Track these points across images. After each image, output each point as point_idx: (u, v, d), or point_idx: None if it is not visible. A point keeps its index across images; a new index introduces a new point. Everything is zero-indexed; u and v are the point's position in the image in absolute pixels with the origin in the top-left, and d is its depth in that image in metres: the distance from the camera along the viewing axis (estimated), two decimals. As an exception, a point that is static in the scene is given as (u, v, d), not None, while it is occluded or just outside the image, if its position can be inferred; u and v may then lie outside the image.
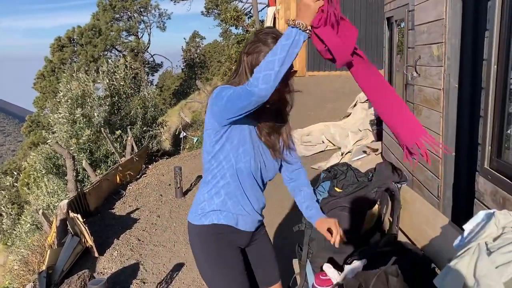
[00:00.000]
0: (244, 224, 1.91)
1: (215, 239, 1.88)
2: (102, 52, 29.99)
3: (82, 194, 5.97)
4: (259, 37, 1.80)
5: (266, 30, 1.84)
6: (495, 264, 1.28)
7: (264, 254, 2.13)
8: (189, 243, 1.99)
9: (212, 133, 1.81)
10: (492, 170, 2.44)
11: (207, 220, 1.87)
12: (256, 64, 1.69)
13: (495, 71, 2.41)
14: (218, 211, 1.87)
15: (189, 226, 1.95)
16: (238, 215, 1.88)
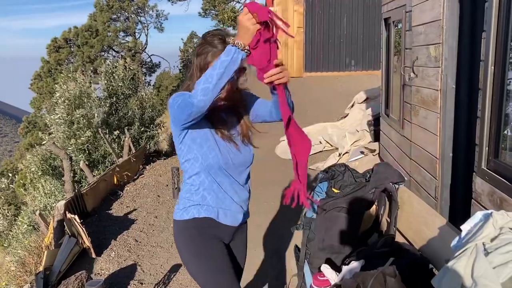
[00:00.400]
0: (224, 218, 1.96)
1: (198, 233, 1.94)
2: (99, 53, 29.93)
3: (79, 195, 5.95)
4: (206, 39, 1.91)
5: (213, 32, 1.93)
6: (493, 264, 1.28)
7: (237, 257, 2.14)
8: (174, 239, 2.04)
9: (176, 136, 1.92)
10: (489, 171, 2.45)
11: (188, 215, 1.94)
12: (205, 65, 1.85)
13: (492, 72, 2.42)
14: (198, 205, 1.94)
15: (174, 224, 2.02)
16: (218, 208, 1.95)
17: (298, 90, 12.54)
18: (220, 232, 1.98)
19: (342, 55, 14.22)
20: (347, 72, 14.11)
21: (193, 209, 1.94)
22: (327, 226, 2.30)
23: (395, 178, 2.38)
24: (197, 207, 1.94)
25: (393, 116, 4.76)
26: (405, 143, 4.20)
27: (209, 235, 1.95)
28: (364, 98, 7.56)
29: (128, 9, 32.29)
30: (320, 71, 14.27)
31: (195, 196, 1.95)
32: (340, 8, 13.96)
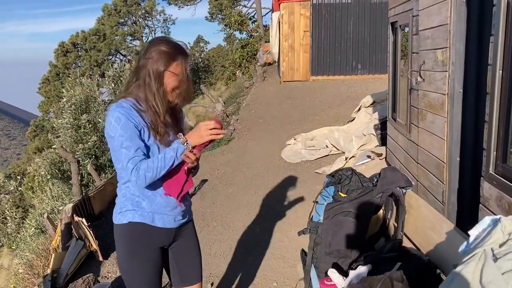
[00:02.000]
0: (161, 222, 2.05)
1: (134, 237, 2.03)
2: (106, 57, 30.14)
3: (86, 198, 5.99)
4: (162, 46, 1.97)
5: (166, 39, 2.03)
6: (501, 270, 1.28)
7: (186, 253, 2.26)
8: (115, 243, 2.13)
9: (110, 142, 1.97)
10: (497, 176, 2.43)
11: (125, 219, 2.02)
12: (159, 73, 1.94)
13: (500, 76, 2.41)
14: (133, 210, 2.02)
15: (115, 228, 2.10)
16: (154, 213, 2.03)
17: (304, 94, 12.55)
18: (156, 237, 2.07)
19: (348, 58, 14.21)
20: (354, 76, 14.10)
21: (128, 213, 2.02)
22: (334, 231, 2.30)
23: (402, 182, 2.38)
24: (132, 212, 2.02)
25: (400, 120, 4.74)
26: (412, 147, 4.19)
27: (144, 240, 2.04)
28: (371, 102, 7.55)
29: (135, 13, 32.51)
30: (327, 75, 14.27)
31: (131, 201, 2.03)
32: (346, 11, 13.96)
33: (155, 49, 1.95)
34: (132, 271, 2.06)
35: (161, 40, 2.00)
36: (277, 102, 12.29)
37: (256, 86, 16.35)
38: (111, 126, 1.89)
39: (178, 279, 2.29)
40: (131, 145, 1.89)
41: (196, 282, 2.31)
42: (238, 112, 13.21)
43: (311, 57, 14.28)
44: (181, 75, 1.99)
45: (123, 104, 1.92)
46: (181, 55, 1.98)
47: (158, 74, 1.93)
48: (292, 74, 14.60)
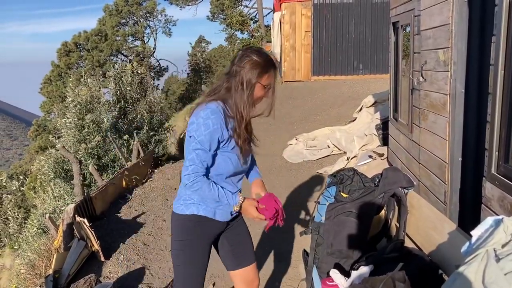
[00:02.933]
0: (221, 216, 2.24)
1: (192, 226, 2.20)
2: (108, 57, 30.17)
3: (88, 199, 5.99)
4: (255, 57, 2.08)
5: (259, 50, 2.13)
6: (504, 271, 1.27)
7: (240, 238, 2.44)
8: (170, 226, 2.31)
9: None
10: (499, 176, 2.43)
11: (188, 211, 2.19)
12: (250, 83, 2.07)
13: (502, 76, 2.40)
14: (198, 204, 2.18)
15: (172, 215, 2.28)
16: (215, 208, 2.20)
17: (305, 94, 12.54)
18: (215, 228, 2.26)
19: (350, 58, 14.20)
20: (355, 76, 14.08)
21: (192, 206, 2.18)
22: (336, 231, 2.30)
23: (404, 183, 2.37)
24: (197, 206, 2.18)
25: (401, 120, 4.74)
26: (413, 147, 4.18)
27: (200, 231, 2.22)
28: (372, 102, 7.54)
29: (136, 13, 32.53)
30: (328, 75, 14.26)
31: (198, 197, 2.17)
32: (348, 11, 13.95)
33: (248, 59, 2.07)
34: (184, 257, 2.23)
35: (255, 51, 2.11)
36: (278, 102, 12.28)
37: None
38: (198, 128, 2.03)
39: (234, 262, 2.45)
40: (202, 156, 2.04)
41: (252, 262, 2.48)
42: (240, 112, 13.21)
43: (313, 57, 14.27)
44: (269, 87, 2.12)
45: (216, 109, 2.04)
46: (272, 68, 2.11)
47: (250, 84, 2.06)
48: (294, 74, 14.59)
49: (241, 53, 2.11)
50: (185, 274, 2.27)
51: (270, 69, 2.10)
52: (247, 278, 2.48)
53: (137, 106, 11.61)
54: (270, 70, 2.10)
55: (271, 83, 2.13)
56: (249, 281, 2.49)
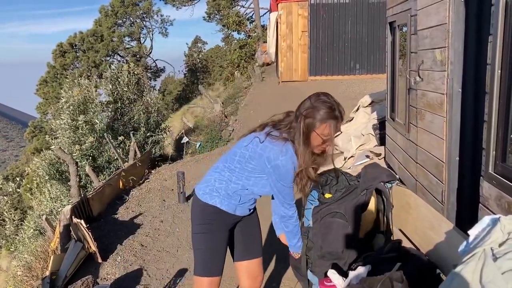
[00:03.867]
0: (241, 211, 2.38)
1: (213, 213, 2.31)
2: (104, 58, 30.10)
3: (85, 200, 5.97)
4: (318, 106, 2.09)
5: (324, 99, 2.11)
6: (501, 270, 1.27)
7: (252, 230, 2.54)
8: (191, 209, 2.43)
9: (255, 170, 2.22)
10: (496, 175, 2.43)
11: (211, 201, 2.30)
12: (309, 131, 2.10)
13: (499, 75, 2.41)
14: (222, 198, 2.29)
15: (195, 199, 2.39)
16: (237, 205, 2.33)
17: (303, 94, 12.51)
18: (232, 218, 2.37)
19: (347, 58, 14.22)
20: (352, 76, 14.11)
21: (216, 197, 2.29)
22: (323, 233, 2.29)
23: (385, 177, 2.38)
24: (221, 199, 2.29)
25: (398, 120, 4.74)
26: (411, 147, 4.19)
27: (220, 220, 2.32)
28: (369, 101, 7.55)
29: (132, 14, 32.48)
30: (325, 75, 14.28)
31: (226, 192, 2.29)
32: (344, 11, 13.97)
33: (310, 107, 2.10)
34: (205, 241, 2.33)
35: (319, 98, 2.12)
36: (275, 103, 12.29)
37: (254, 87, 16.35)
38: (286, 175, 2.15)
39: (243, 252, 2.54)
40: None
41: (258, 256, 2.56)
42: (237, 113, 13.22)
43: (309, 57, 14.29)
44: (326, 137, 2.12)
45: (291, 151, 2.13)
46: (331, 119, 2.08)
47: (306, 132, 2.10)
48: (291, 74, 14.61)
49: (308, 99, 2.15)
50: (205, 258, 2.34)
51: (329, 120, 2.08)
52: (252, 272, 2.54)
53: (134, 106, 11.59)
54: (328, 120, 2.08)
55: (330, 134, 2.11)
56: (253, 275, 2.54)
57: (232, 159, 2.26)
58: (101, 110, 10.34)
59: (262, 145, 2.13)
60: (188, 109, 23.05)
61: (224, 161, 2.33)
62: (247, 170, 2.23)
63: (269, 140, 2.13)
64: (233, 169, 2.26)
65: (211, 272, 2.34)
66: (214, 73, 33.14)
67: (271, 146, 2.11)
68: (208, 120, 15.26)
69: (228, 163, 2.29)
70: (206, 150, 10.80)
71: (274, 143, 2.11)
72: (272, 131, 2.17)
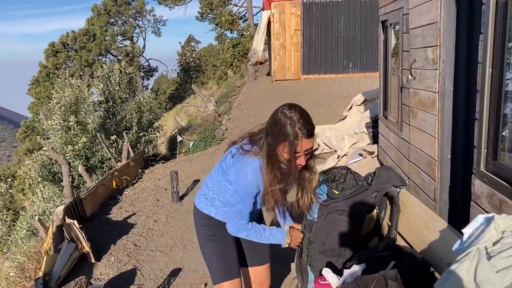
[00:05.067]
0: None
1: (214, 224, 2.29)
2: (97, 57, 29.96)
3: (78, 200, 5.94)
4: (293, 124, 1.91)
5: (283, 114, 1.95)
6: (495, 268, 1.28)
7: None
8: (193, 218, 2.40)
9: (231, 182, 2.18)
10: (488, 173, 2.45)
11: (206, 210, 2.29)
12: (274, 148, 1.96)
13: (490, 74, 2.42)
14: (216, 208, 2.28)
15: (194, 208, 2.37)
16: None
17: (296, 93, 12.55)
18: None
19: (339, 57, 14.25)
20: (345, 74, 14.14)
21: (212, 208, 2.28)
22: (328, 229, 2.29)
23: (397, 182, 2.37)
24: (216, 210, 2.27)
25: (391, 118, 4.76)
26: (403, 145, 4.21)
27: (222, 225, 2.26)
28: (362, 100, 7.57)
29: (125, 13, 32.35)
30: (318, 74, 14.30)
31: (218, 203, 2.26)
32: (337, 10, 13.99)
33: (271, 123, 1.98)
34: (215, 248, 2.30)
35: (281, 113, 1.96)
36: (269, 101, 12.29)
37: (247, 85, 16.34)
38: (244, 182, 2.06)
39: (248, 259, 2.49)
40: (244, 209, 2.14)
41: (265, 262, 2.54)
42: (230, 112, 13.20)
43: (302, 56, 14.31)
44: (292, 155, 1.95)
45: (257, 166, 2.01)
46: (291, 137, 1.91)
47: (269, 150, 1.98)
48: (284, 73, 14.61)
49: (276, 114, 1.98)
50: (219, 263, 2.30)
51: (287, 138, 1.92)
52: (258, 278, 2.51)
53: (126, 106, 11.55)
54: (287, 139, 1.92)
55: (291, 152, 1.94)
56: (260, 281, 2.51)
57: (218, 170, 2.25)
58: (93, 110, 10.28)
59: (233, 159, 2.10)
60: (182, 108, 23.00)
61: (214, 171, 2.31)
62: (228, 182, 2.19)
63: (239, 153, 2.07)
64: (219, 180, 2.24)
65: (229, 275, 2.30)
66: (208, 72, 33.11)
67: (239, 158, 2.06)
68: (201, 119, 15.24)
69: (216, 173, 2.27)
70: (200, 149, 10.77)
71: (242, 156, 2.05)
72: (245, 144, 2.09)
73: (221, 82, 23.14)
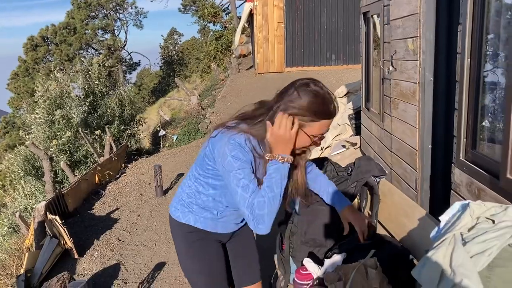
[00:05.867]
0: (224, 228, 1.96)
1: (192, 231, 1.91)
2: (78, 51, 29.52)
3: (60, 195, 5.87)
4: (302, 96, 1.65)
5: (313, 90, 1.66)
6: (470, 253, 1.30)
7: (245, 250, 2.15)
8: (171, 233, 2.01)
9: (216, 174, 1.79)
10: (467, 162, 2.49)
11: (184, 219, 1.91)
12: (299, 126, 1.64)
13: (469, 64, 2.45)
14: (195, 214, 1.90)
15: (170, 219, 1.98)
16: (217, 221, 1.91)
17: (279, 85, 12.50)
18: (216, 236, 1.96)
19: (322, 49, 14.29)
20: (328, 67, 14.19)
21: (190, 215, 1.89)
22: (309, 220, 2.31)
23: (376, 171, 2.40)
24: (195, 216, 1.89)
25: (373, 110, 4.80)
26: (385, 136, 4.24)
27: (205, 236, 1.93)
28: (345, 92, 7.61)
29: (106, 6, 31.89)
30: (301, 66, 14.33)
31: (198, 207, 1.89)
32: (319, 2, 14.00)
33: (296, 98, 1.65)
34: (197, 266, 1.94)
35: (309, 89, 1.65)
36: (252, 94, 12.28)
37: (231, 78, 16.29)
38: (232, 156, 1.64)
39: (237, 277, 2.14)
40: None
41: (255, 281, 2.17)
42: (214, 105, 13.16)
43: (286, 48, 14.31)
44: (319, 137, 1.70)
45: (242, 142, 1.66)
46: (326, 116, 1.66)
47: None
48: (267, 65, 14.61)
49: (293, 87, 1.69)
50: (202, 285, 1.95)
51: (322, 117, 1.65)
52: None
53: (107, 100, 11.42)
54: (322, 118, 1.65)
55: (320, 133, 1.69)
56: None
57: (196, 165, 1.89)
58: (77, 104, 10.15)
59: (214, 139, 1.74)
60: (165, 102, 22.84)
61: (191, 169, 1.95)
62: (209, 176, 1.81)
63: (222, 131, 1.71)
64: (197, 177, 1.86)
65: None
66: (191, 65, 32.90)
67: (221, 136, 1.70)
68: (185, 113, 15.16)
69: (193, 170, 1.90)
70: (183, 143, 10.73)
71: (224, 133, 1.69)
72: (231, 124, 1.75)
73: (205, 75, 23.03)
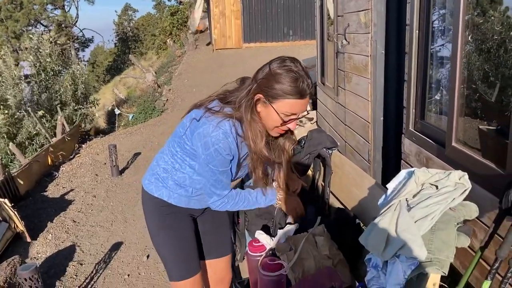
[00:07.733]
0: (198, 204, 1.91)
1: (165, 205, 1.87)
2: (25, 27, 28.07)
3: (9, 178, 5.63)
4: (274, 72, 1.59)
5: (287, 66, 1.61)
6: (415, 218, 1.34)
7: (216, 225, 2.08)
8: (142, 204, 1.97)
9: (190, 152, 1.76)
10: (416, 132, 2.55)
11: (157, 193, 1.86)
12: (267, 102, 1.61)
13: (417, 36, 2.49)
14: (169, 190, 1.85)
15: (143, 191, 1.94)
16: (190, 198, 1.87)
17: (237, 61, 12.45)
18: (189, 210, 1.93)
19: (280, 25, 14.22)
20: (286, 42, 14.16)
21: (164, 190, 1.85)
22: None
23: (328, 143, 2.43)
24: (169, 192, 1.85)
25: (328, 84, 4.83)
26: (340, 110, 4.29)
27: (177, 209, 1.89)
28: (301, 67, 7.62)
29: (54, -21, 30.34)
30: (259, 42, 14.23)
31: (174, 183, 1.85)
32: (276, -23, 13.86)
33: (269, 75, 1.60)
34: (165, 239, 1.90)
35: (284, 65, 1.60)
36: (210, 71, 12.12)
37: (188, 55, 15.99)
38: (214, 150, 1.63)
39: (207, 249, 2.10)
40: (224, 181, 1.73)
41: (226, 253, 2.13)
42: (170, 82, 12.91)
43: (243, 24, 14.14)
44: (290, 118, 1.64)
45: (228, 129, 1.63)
46: (296, 95, 1.59)
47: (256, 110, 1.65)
48: (225, 41, 14.41)
49: (267, 64, 1.64)
50: (175, 258, 1.91)
51: (291, 95, 1.58)
52: (217, 274, 2.13)
53: (60, 79, 10.97)
54: (291, 95, 1.58)
55: (295, 113, 1.62)
56: (219, 277, 2.14)
57: (173, 141, 1.84)
58: (14, 84, 9.63)
59: (197, 123, 1.69)
60: (120, 80, 22.20)
61: (168, 143, 1.90)
62: (186, 155, 1.78)
63: (206, 115, 1.66)
64: (174, 153, 1.82)
65: (189, 271, 1.90)
66: (146, 42, 32.01)
67: (205, 121, 1.65)
68: (140, 91, 14.81)
69: (170, 146, 1.85)
70: (140, 122, 10.51)
71: (209, 118, 1.65)
72: (214, 106, 1.70)
73: (161, 52, 22.49)
